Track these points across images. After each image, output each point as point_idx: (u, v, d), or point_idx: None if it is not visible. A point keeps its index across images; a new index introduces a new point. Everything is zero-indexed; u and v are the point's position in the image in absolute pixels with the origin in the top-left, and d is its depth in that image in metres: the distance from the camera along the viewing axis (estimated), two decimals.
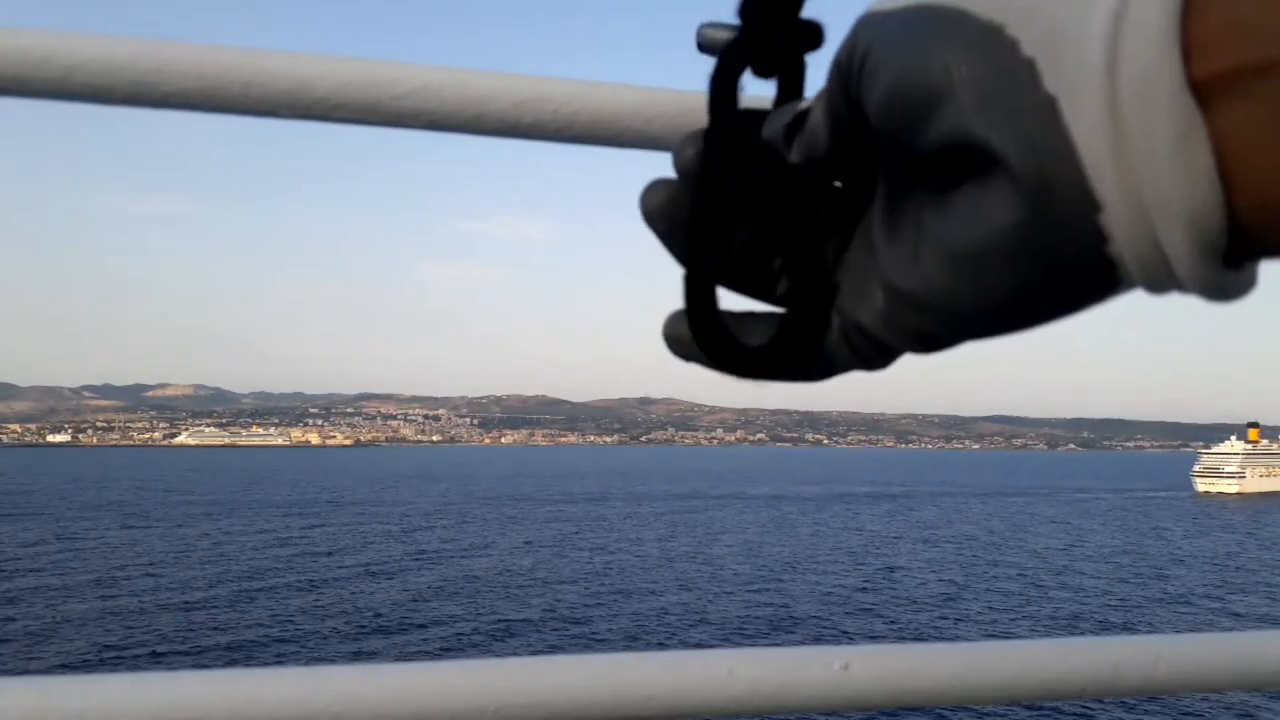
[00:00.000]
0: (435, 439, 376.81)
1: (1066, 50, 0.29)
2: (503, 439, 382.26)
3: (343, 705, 0.56)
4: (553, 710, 0.59)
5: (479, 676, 0.58)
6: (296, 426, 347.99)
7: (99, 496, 65.64)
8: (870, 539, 43.45)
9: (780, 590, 29.02)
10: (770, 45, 0.41)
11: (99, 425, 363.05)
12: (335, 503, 61.21)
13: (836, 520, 52.29)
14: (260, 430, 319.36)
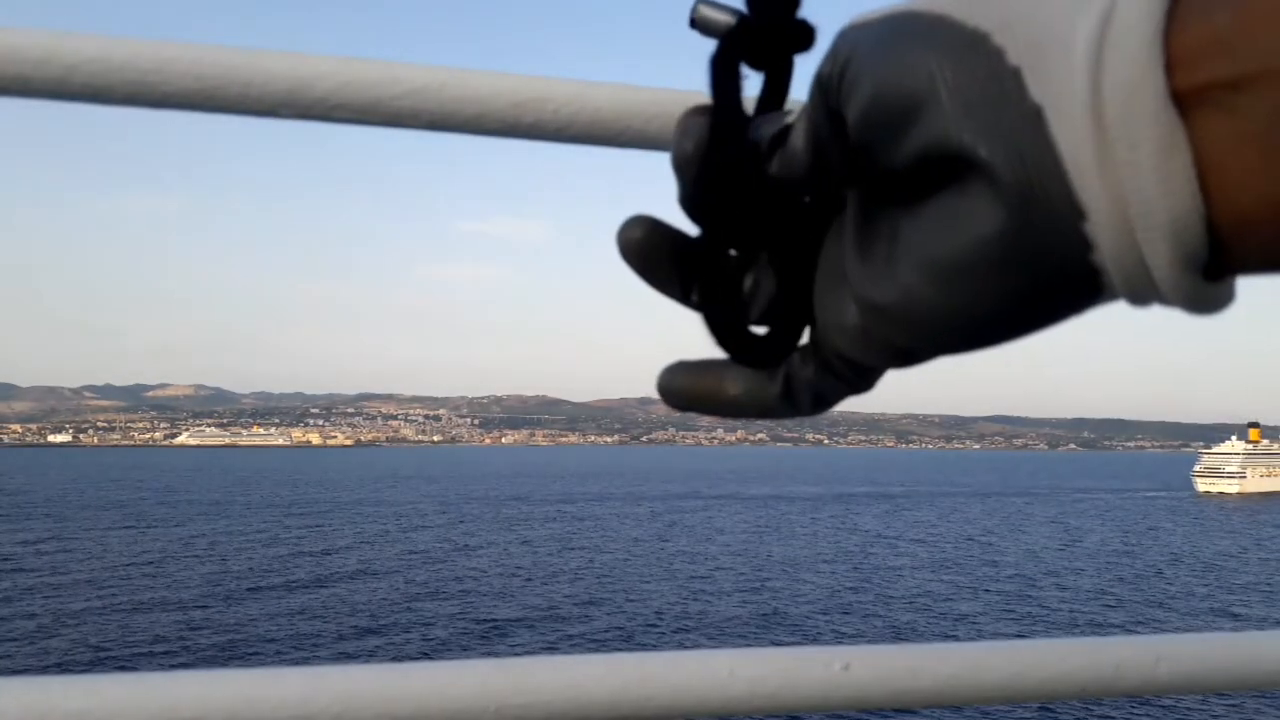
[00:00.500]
0: (436, 439, 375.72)
1: (1053, 60, 0.29)
2: (503, 439, 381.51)
3: (343, 705, 0.56)
4: (553, 710, 0.59)
5: (479, 676, 0.58)
6: (297, 426, 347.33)
7: (100, 497, 65.63)
8: (867, 539, 43.42)
9: (781, 590, 28.99)
10: (769, 36, 0.40)
11: (100, 425, 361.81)
12: (335, 503, 61.20)
13: (835, 520, 52.31)
14: (261, 430, 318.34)
